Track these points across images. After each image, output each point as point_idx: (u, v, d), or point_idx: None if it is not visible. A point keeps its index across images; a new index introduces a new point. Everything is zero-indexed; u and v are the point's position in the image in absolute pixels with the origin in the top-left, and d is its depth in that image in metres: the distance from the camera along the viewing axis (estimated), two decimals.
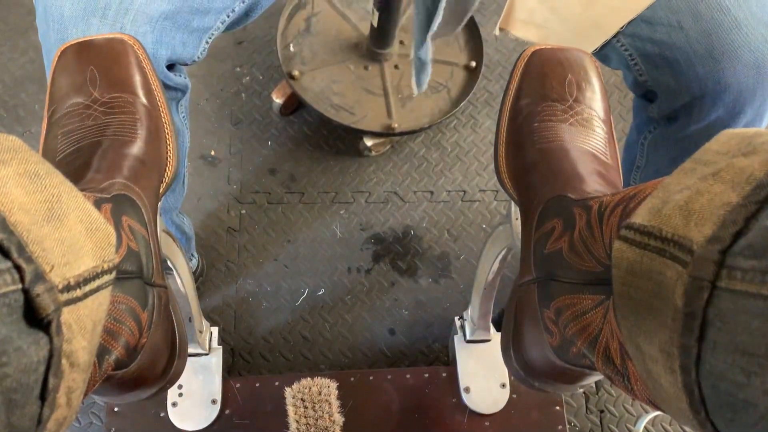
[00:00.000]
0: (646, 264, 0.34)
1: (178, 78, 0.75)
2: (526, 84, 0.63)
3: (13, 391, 0.27)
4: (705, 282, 0.29)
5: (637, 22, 0.71)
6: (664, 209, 0.34)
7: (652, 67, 0.73)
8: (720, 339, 0.28)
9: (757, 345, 0.27)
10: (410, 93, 1.27)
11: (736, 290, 0.28)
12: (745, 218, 0.29)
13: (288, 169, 1.29)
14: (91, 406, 1.06)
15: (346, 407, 0.95)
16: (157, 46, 0.68)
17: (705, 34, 0.69)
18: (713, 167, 0.32)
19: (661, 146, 0.84)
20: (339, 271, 1.20)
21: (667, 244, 0.33)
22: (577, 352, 0.49)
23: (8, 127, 1.29)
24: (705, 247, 0.29)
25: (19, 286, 0.28)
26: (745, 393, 0.28)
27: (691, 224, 0.31)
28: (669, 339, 0.31)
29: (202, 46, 0.76)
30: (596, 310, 0.46)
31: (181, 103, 0.82)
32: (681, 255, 0.31)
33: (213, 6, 0.73)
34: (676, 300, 0.30)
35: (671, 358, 0.31)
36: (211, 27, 0.75)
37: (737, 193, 0.30)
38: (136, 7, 0.66)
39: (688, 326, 0.30)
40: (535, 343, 0.57)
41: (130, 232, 0.51)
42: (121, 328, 0.46)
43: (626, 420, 1.11)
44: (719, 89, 0.70)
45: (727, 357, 0.28)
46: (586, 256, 0.48)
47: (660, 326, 0.32)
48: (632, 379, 0.42)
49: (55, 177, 0.34)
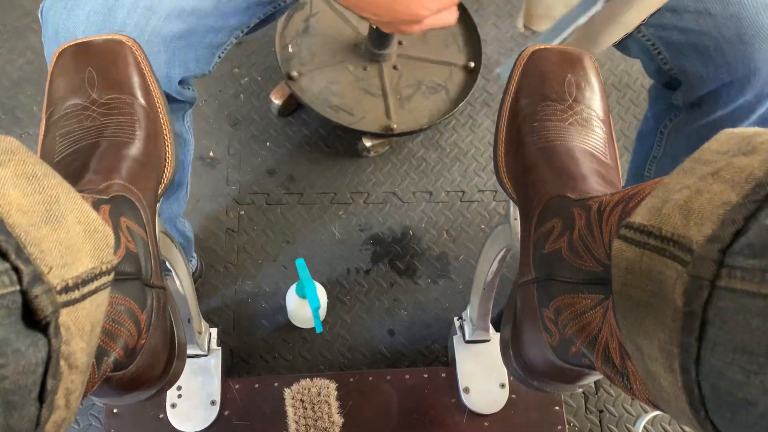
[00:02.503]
0: (645, 263, 0.34)
1: (188, 92, 0.76)
2: (525, 84, 0.63)
3: (11, 393, 0.27)
4: (705, 281, 0.29)
5: (662, 12, 0.71)
6: (663, 208, 0.34)
7: (678, 55, 0.73)
8: (720, 338, 0.28)
9: (756, 344, 0.27)
10: (409, 93, 1.27)
11: (736, 289, 0.28)
12: (744, 217, 0.29)
13: (286, 170, 1.29)
14: (90, 408, 1.06)
15: (346, 408, 0.95)
16: (170, 65, 0.69)
17: (734, 18, 0.69)
18: (713, 166, 0.32)
19: (681, 134, 0.84)
20: (338, 271, 1.20)
21: (666, 243, 0.33)
22: (577, 351, 0.49)
23: (6, 129, 1.29)
24: (705, 247, 0.29)
25: (17, 288, 0.28)
26: (745, 392, 0.28)
27: (691, 223, 0.31)
28: (669, 338, 0.31)
29: (215, 61, 0.76)
30: (595, 309, 0.46)
31: (187, 112, 0.82)
32: (681, 254, 0.31)
33: (228, 23, 0.73)
34: (676, 299, 0.30)
35: (671, 357, 0.31)
36: (225, 42, 0.76)
37: (737, 192, 0.30)
38: (150, 28, 0.66)
39: (688, 325, 0.30)
40: (535, 343, 0.57)
41: (129, 233, 0.51)
42: (119, 329, 0.46)
43: (625, 420, 1.11)
44: (749, 73, 0.70)
45: (727, 356, 0.28)
46: (586, 255, 0.48)
47: (660, 325, 0.32)
48: (632, 378, 0.42)
49: (53, 178, 0.34)
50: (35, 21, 1.39)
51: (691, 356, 0.30)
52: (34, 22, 1.39)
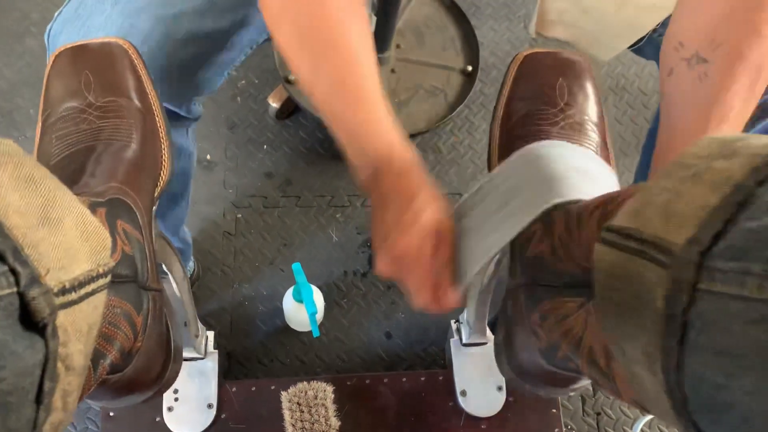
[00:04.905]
0: (626, 266, 0.34)
1: (197, 108, 0.76)
2: (518, 88, 0.64)
3: (8, 395, 0.27)
4: (685, 284, 0.29)
5: None
6: (644, 211, 0.34)
7: None
8: (700, 341, 0.28)
9: (736, 346, 0.27)
10: (407, 97, 1.27)
11: (716, 292, 0.28)
12: (724, 220, 0.29)
13: (284, 173, 1.29)
14: (87, 411, 1.06)
15: (343, 411, 0.95)
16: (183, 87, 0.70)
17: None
18: (693, 170, 0.32)
19: None
20: (335, 274, 1.20)
21: (647, 245, 0.33)
22: (563, 356, 0.49)
23: (4, 132, 1.28)
24: (685, 249, 0.29)
25: (14, 290, 0.28)
26: (726, 395, 0.28)
27: (671, 226, 0.31)
28: (650, 341, 0.31)
29: (224, 77, 0.77)
30: (578, 312, 0.46)
31: (191, 126, 0.83)
32: (661, 257, 0.31)
33: (239, 41, 0.74)
34: (657, 302, 0.30)
35: (653, 360, 0.31)
36: (235, 59, 0.76)
37: (717, 195, 0.30)
38: (165, 53, 0.66)
39: (669, 328, 0.30)
40: (526, 347, 0.57)
41: (125, 236, 0.51)
42: (116, 332, 0.46)
43: (623, 422, 1.11)
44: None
45: (708, 359, 0.28)
46: (566, 259, 0.48)
47: (641, 329, 0.32)
48: (617, 380, 0.42)
49: (50, 181, 0.34)
50: (33, 24, 1.39)
51: (673, 359, 0.30)
52: (32, 26, 1.39)
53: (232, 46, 0.74)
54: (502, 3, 1.50)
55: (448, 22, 1.36)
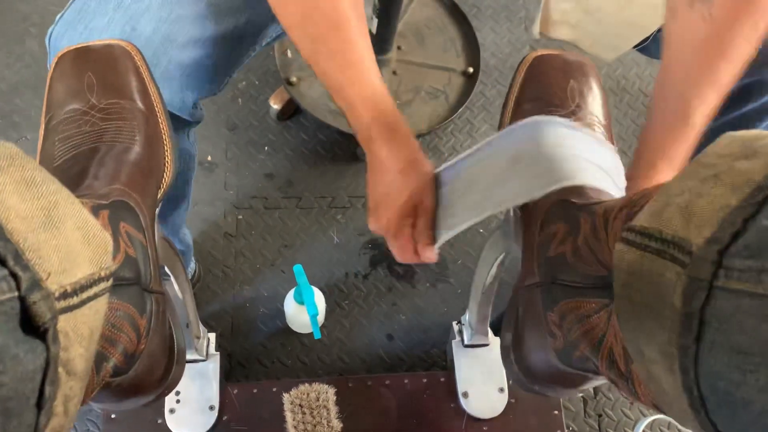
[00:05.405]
0: (646, 265, 0.34)
1: (198, 112, 0.76)
2: (528, 90, 0.64)
3: (9, 400, 0.27)
4: (703, 282, 0.29)
5: None
6: (664, 212, 0.34)
7: None
8: (717, 338, 0.29)
9: (752, 343, 0.27)
10: (408, 98, 1.27)
11: (733, 289, 0.28)
12: (743, 219, 0.29)
13: (285, 175, 1.29)
14: (88, 413, 1.05)
15: (344, 413, 0.95)
16: (185, 90, 0.70)
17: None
18: (714, 170, 0.33)
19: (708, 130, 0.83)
20: (336, 276, 1.20)
21: (666, 245, 0.33)
22: (581, 355, 0.49)
23: (3, 133, 1.28)
24: (703, 248, 0.30)
25: (15, 294, 0.28)
26: (742, 391, 0.28)
27: (691, 226, 0.31)
28: (668, 340, 0.31)
29: (226, 80, 0.77)
30: (600, 313, 0.46)
31: (193, 129, 0.82)
32: (680, 256, 0.31)
33: (242, 45, 0.74)
34: (675, 300, 0.31)
35: (670, 358, 0.31)
36: (237, 63, 0.76)
37: (737, 195, 0.30)
38: (168, 57, 0.66)
39: (687, 326, 0.30)
40: (537, 347, 0.57)
41: (128, 238, 0.50)
42: (118, 334, 0.46)
43: (624, 424, 1.11)
44: None
45: (724, 356, 0.28)
46: (591, 260, 0.48)
47: (659, 327, 0.32)
48: (636, 382, 0.42)
49: (52, 184, 0.34)
50: (33, 25, 1.39)
51: (690, 357, 0.30)
52: (32, 27, 1.39)
53: (234, 50, 0.74)
54: (503, 5, 1.50)
55: (448, 23, 1.36)
